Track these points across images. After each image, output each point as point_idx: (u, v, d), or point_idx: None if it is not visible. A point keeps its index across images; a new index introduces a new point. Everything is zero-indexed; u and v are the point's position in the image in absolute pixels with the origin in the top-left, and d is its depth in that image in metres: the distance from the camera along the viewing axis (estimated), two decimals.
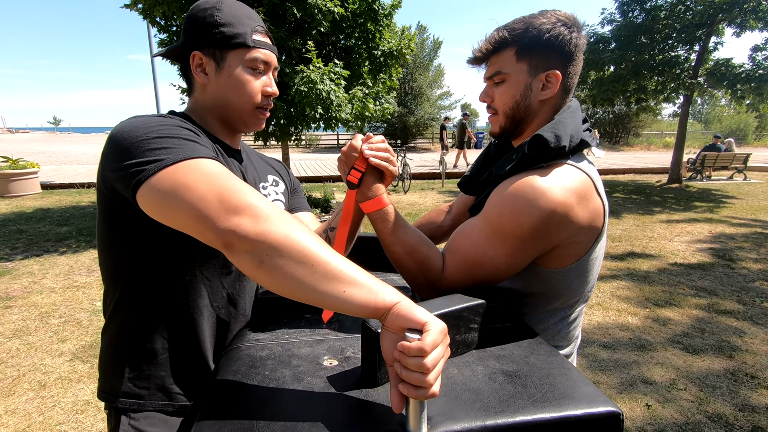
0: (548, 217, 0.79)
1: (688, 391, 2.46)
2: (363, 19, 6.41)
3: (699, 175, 11.89)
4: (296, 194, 1.12)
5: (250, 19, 0.85)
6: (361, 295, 0.59)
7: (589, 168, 0.88)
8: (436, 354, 0.54)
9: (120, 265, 0.81)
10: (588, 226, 0.84)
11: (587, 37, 1.00)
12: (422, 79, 25.34)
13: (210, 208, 0.62)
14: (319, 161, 16.50)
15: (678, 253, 5.10)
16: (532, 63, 0.88)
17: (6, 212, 7.25)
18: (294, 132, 6.56)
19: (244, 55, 0.84)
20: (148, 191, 0.65)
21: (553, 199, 0.79)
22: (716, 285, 4.08)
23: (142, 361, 0.83)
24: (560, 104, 0.91)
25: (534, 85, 0.89)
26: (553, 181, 0.80)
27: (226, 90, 0.85)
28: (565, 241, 0.84)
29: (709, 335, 3.11)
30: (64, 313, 3.47)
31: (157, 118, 0.74)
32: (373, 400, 0.64)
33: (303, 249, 0.59)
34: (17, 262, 4.73)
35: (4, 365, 2.71)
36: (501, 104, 0.92)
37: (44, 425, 2.17)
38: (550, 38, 0.85)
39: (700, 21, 9.17)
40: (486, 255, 0.84)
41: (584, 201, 0.83)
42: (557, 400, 0.63)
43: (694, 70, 9.87)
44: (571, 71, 0.89)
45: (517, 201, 0.80)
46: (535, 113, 0.91)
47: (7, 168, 8.85)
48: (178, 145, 0.68)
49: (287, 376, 0.69)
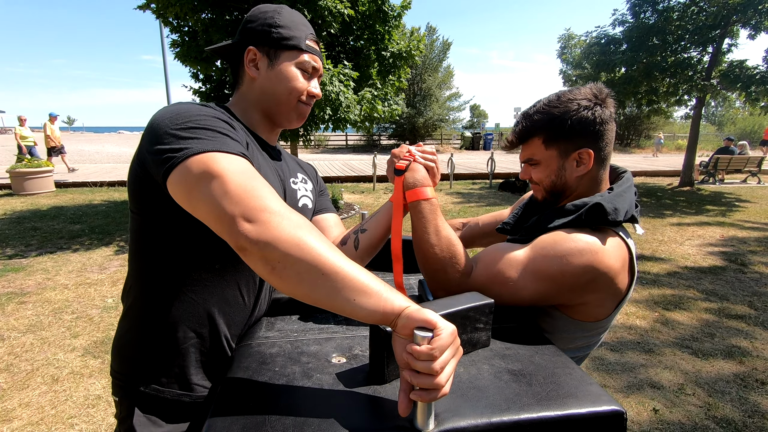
0: (594, 273, 0.83)
1: (696, 395, 2.44)
2: (372, 20, 6.45)
3: (711, 178, 11.73)
4: (322, 195, 1.15)
5: (305, 26, 0.93)
6: (371, 303, 0.60)
7: (630, 242, 0.92)
8: (445, 356, 0.56)
9: (149, 252, 0.83)
10: (618, 293, 0.89)
11: (597, 38, 1.02)
12: (431, 80, 25.35)
13: (227, 210, 0.63)
14: (327, 161, 16.57)
15: (688, 257, 5.04)
16: (560, 148, 0.92)
17: (21, 210, 7.39)
18: (303, 133, 6.60)
19: (296, 57, 0.90)
20: (176, 179, 0.68)
21: (604, 260, 0.83)
22: (727, 289, 4.04)
23: (164, 350, 0.83)
24: (598, 174, 0.95)
25: (567, 165, 0.93)
26: (606, 245, 0.85)
27: (275, 82, 0.90)
28: (596, 302, 0.89)
29: (719, 340, 3.08)
30: (76, 309, 3.54)
31: (197, 107, 0.77)
32: (381, 396, 0.65)
33: (314, 257, 0.60)
34: (32, 258, 4.82)
35: (19, 359, 2.78)
36: (539, 181, 0.97)
37: (56, 418, 2.22)
38: (574, 124, 0.89)
39: (713, 22, 9.05)
40: (516, 284, 0.86)
41: (625, 271, 0.88)
42: (562, 398, 0.64)
43: (707, 72, 9.74)
44: (603, 144, 0.92)
45: (569, 249, 0.83)
46: (574, 187, 0.95)
47: (22, 167, 9.02)
48: (210, 137, 0.71)
49: (297, 373, 0.71)
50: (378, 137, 26.64)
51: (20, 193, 8.88)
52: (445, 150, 23.79)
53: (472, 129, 29.80)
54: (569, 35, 17.96)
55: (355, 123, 6.28)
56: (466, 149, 25.49)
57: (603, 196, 0.90)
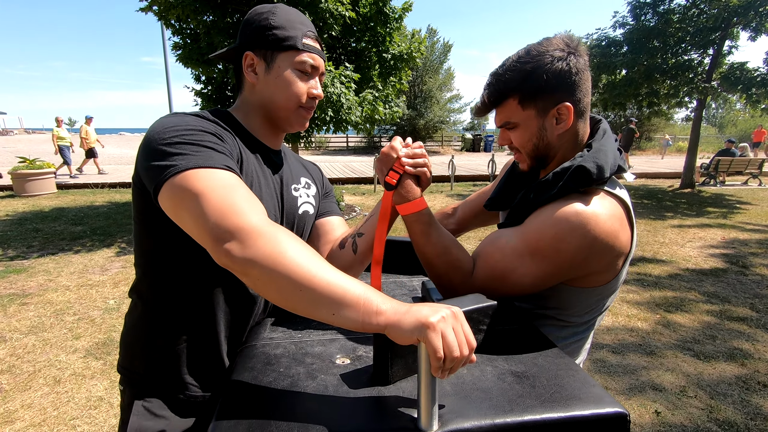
0: (590, 245, 0.81)
1: (698, 398, 2.43)
2: (374, 22, 6.46)
3: (712, 180, 11.71)
4: (328, 198, 1.14)
5: (302, 24, 0.89)
6: (351, 315, 0.60)
7: (623, 193, 0.88)
8: (450, 342, 0.55)
9: (148, 254, 0.86)
10: (623, 251, 0.86)
11: (598, 40, 1.00)
12: (432, 82, 25.38)
13: (207, 229, 0.65)
14: (328, 163, 16.58)
15: (690, 259, 5.04)
16: (538, 106, 0.87)
17: (23, 211, 7.41)
18: (304, 134, 6.62)
19: (293, 58, 0.87)
20: (163, 196, 0.70)
21: (597, 228, 0.80)
22: (728, 291, 4.03)
23: (160, 349, 0.87)
24: (580, 128, 0.91)
25: (547, 123, 0.88)
26: (596, 210, 0.81)
27: (274, 88, 0.88)
28: (600, 268, 0.86)
29: (721, 342, 3.07)
30: (78, 310, 3.54)
31: (185, 120, 0.77)
32: (384, 397, 0.65)
33: (291, 273, 0.61)
34: (33, 260, 4.83)
35: (21, 360, 2.78)
36: (521, 146, 0.92)
37: (59, 420, 2.22)
38: (549, 78, 0.84)
39: (714, 24, 9.06)
40: (515, 271, 0.85)
41: (623, 228, 0.84)
42: (565, 400, 0.64)
43: (707, 74, 9.74)
44: (580, 96, 0.88)
45: (560, 227, 0.81)
46: (557, 147, 0.91)
47: (24, 168, 9.04)
48: (194, 152, 0.71)
49: (301, 374, 0.71)
50: (379, 139, 26.67)
51: (22, 194, 8.90)
52: (446, 152, 23.81)
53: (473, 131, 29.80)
54: None
55: (356, 124, 6.30)
56: (467, 151, 25.50)
57: (583, 155, 0.85)
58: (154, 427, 0.83)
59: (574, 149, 0.91)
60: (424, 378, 0.57)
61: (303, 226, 1.00)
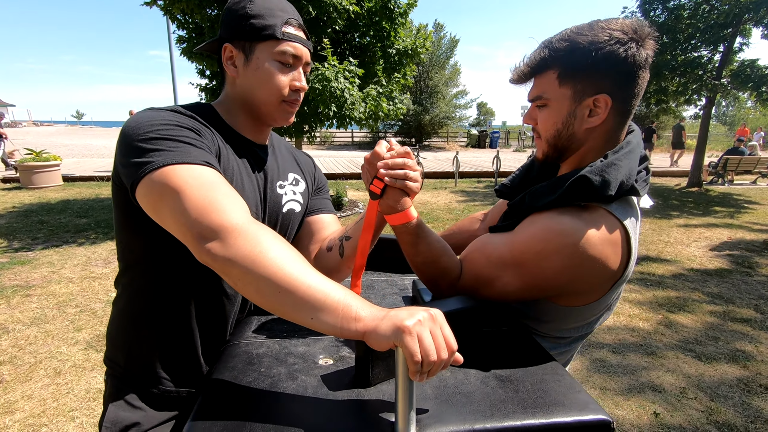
0: (576, 267, 0.76)
1: (698, 400, 2.41)
2: (378, 17, 6.42)
3: (720, 178, 11.57)
4: (320, 194, 1.09)
5: (282, 11, 0.83)
6: (329, 320, 0.59)
7: (628, 218, 0.79)
8: (427, 345, 0.53)
9: (128, 248, 0.85)
10: (612, 277, 0.80)
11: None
12: (438, 77, 25.22)
13: (187, 227, 0.65)
14: (333, 158, 16.57)
15: (695, 259, 4.98)
16: (576, 88, 0.77)
17: (29, 203, 7.47)
18: (308, 129, 6.61)
19: (273, 48, 0.82)
20: (141, 193, 0.69)
21: (586, 251, 0.74)
22: (733, 292, 3.99)
23: (138, 342, 0.87)
24: (615, 131, 0.81)
25: (579, 112, 0.79)
26: (589, 231, 0.74)
27: (254, 82, 0.84)
28: (583, 290, 0.82)
29: (723, 343, 3.04)
30: (80, 302, 3.57)
31: (162, 114, 0.75)
32: (364, 400, 0.64)
33: (270, 275, 0.60)
34: (38, 252, 4.87)
35: (23, 352, 2.81)
36: (543, 130, 0.84)
37: (58, 411, 2.24)
38: (599, 59, 0.74)
39: (725, 21, 8.91)
40: (499, 280, 0.82)
41: (615, 255, 0.77)
42: (548, 406, 0.63)
43: (717, 72, 9.60)
44: (627, 94, 0.77)
45: (546, 244, 0.76)
46: (582, 141, 0.82)
47: (31, 160, 9.12)
48: (171, 147, 0.70)
49: (282, 374, 0.71)
50: (384, 134, 26.60)
51: (28, 186, 8.97)
52: (451, 148, 23.69)
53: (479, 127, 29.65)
54: None
55: (360, 120, 6.27)
56: (473, 147, 25.38)
57: (593, 166, 0.76)
58: (130, 418, 0.84)
59: (600, 152, 0.81)
60: (401, 382, 0.56)
61: (288, 225, 0.98)
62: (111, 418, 0.84)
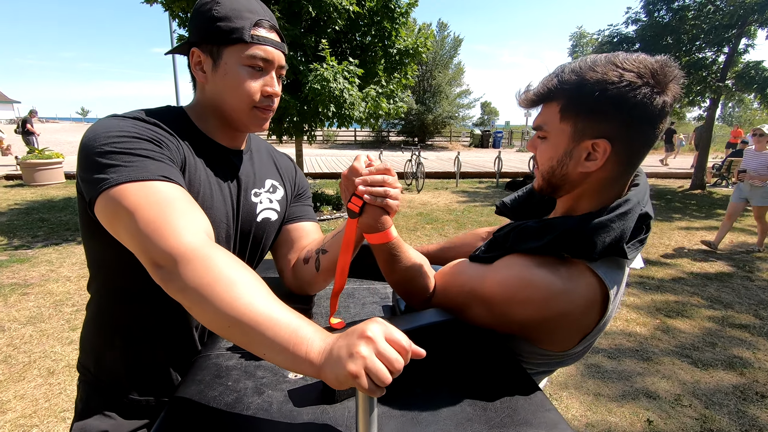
0: (541, 320, 0.74)
1: (692, 407, 2.39)
2: (379, 17, 6.39)
3: (724, 181, 11.48)
4: (300, 200, 1.05)
5: (251, 12, 0.78)
6: (279, 360, 0.57)
7: (611, 277, 0.74)
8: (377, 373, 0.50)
9: (93, 256, 0.85)
10: (582, 332, 0.77)
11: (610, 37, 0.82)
12: (441, 76, 25.17)
13: (140, 250, 0.64)
14: (334, 157, 16.57)
15: (695, 263, 4.95)
16: (577, 126, 0.72)
17: (31, 200, 7.51)
18: (308, 129, 6.60)
19: (242, 52, 0.78)
20: (97, 210, 0.68)
21: (557, 307, 0.72)
22: (732, 297, 3.95)
23: (105, 349, 0.87)
24: (614, 180, 0.75)
25: (576, 152, 0.73)
26: (565, 288, 0.71)
27: (222, 89, 0.80)
28: (551, 339, 0.80)
29: (720, 350, 3.01)
30: (76, 302, 3.58)
31: (120, 124, 0.73)
32: (328, 416, 0.64)
33: (220, 308, 0.57)
34: (37, 249, 4.89)
35: (17, 351, 2.82)
36: (540, 162, 0.79)
37: (49, 411, 2.24)
38: (603, 101, 0.68)
39: (729, 22, 8.84)
40: (469, 310, 0.80)
41: (588, 314, 0.74)
42: (515, 425, 0.62)
43: (722, 73, 9.52)
44: (632, 144, 0.71)
45: (518, 292, 0.73)
46: (575, 184, 0.76)
47: (33, 158, 9.16)
48: (126, 162, 0.68)
49: (249, 388, 0.70)
50: (387, 133, 26.57)
51: (31, 183, 9.02)
52: (454, 147, 23.64)
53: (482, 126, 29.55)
54: (581, 33, 17.70)
55: (360, 120, 6.26)
56: (475, 147, 25.32)
57: (584, 220, 0.72)
58: (98, 426, 0.84)
59: (594, 199, 0.76)
60: (361, 403, 0.55)
61: (262, 235, 0.95)
62: (80, 426, 0.84)
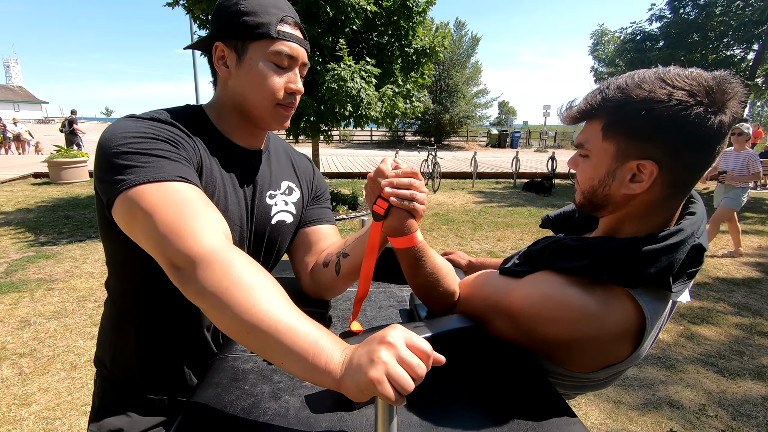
0: (570, 343, 0.71)
1: (718, 418, 2.30)
2: (397, 16, 6.37)
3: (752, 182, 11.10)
4: (318, 202, 1.03)
5: (276, 8, 0.78)
6: (297, 371, 0.55)
7: (653, 308, 0.69)
8: (400, 380, 0.49)
9: (111, 255, 0.85)
10: (608, 358, 0.74)
11: (633, 34, 0.79)
12: (458, 76, 25.01)
13: (158, 252, 0.63)
14: (351, 157, 16.62)
15: (721, 267, 4.79)
16: (620, 146, 0.67)
17: (57, 198, 7.74)
18: (324, 129, 6.63)
19: (267, 48, 0.77)
20: (115, 212, 0.68)
21: (588, 331, 0.68)
22: (761, 304, 3.81)
23: (121, 346, 0.88)
24: (660, 204, 0.70)
25: (619, 173, 0.68)
26: (592, 311, 0.67)
27: (246, 83, 0.79)
28: (575, 362, 0.76)
29: (748, 358, 2.90)
30: (99, 297, 3.66)
31: (138, 125, 0.72)
32: (346, 424, 0.62)
33: (239, 312, 0.56)
34: (62, 246, 5.03)
35: (42, 345, 2.90)
36: (580, 180, 0.75)
37: (72, 404, 2.30)
38: (650, 121, 0.63)
39: (759, 18, 8.53)
40: (492, 323, 0.78)
41: (622, 343, 0.71)
42: None
43: (751, 71, 9.21)
44: (682, 166, 0.65)
45: (541, 312, 0.71)
46: (618, 206, 0.72)
47: (59, 157, 9.45)
48: (143, 163, 0.68)
49: (266, 393, 0.69)
50: (403, 133, 26.53)
51: (57, 182, 9.30)
52: (471, 147, 23.46)
53: (500, 126, 29.24)
54: (602, 31, 17.34)
55: (376, 120, 6.25)
56: (492, 147, 25.08)
57: (628, 246, 0.67)
58: (114, 423, 0.84)
59: (639, 223, 0.72)
60: (381, 412, 0.53)
61: (277, 237, 0.93)
62: (97, 423, 0.85)
